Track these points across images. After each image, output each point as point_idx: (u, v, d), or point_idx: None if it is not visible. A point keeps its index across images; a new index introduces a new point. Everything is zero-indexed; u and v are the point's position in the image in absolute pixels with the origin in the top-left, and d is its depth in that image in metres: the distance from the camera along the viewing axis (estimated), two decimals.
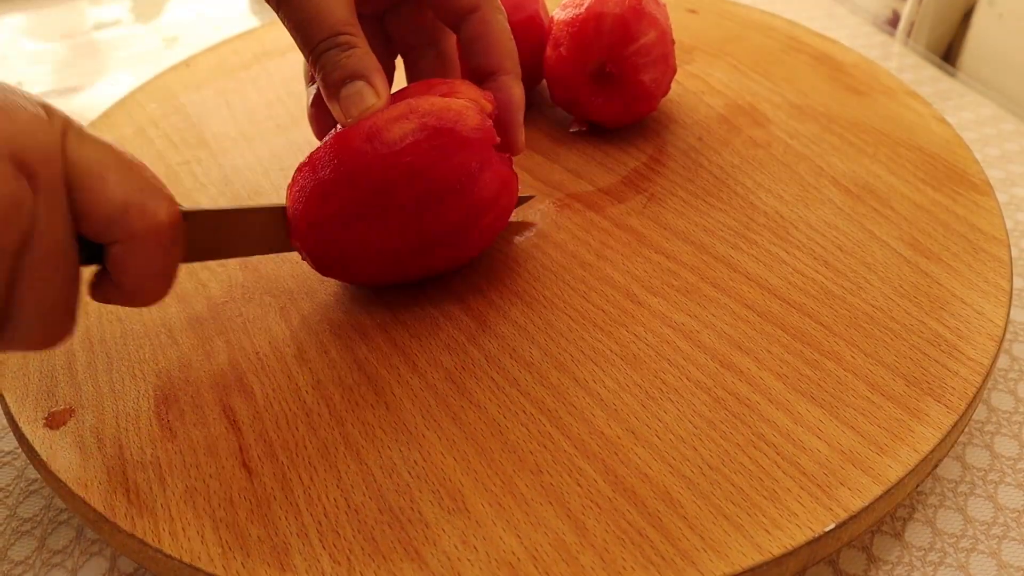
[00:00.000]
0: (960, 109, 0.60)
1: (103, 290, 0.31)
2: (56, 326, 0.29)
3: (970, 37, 0.66)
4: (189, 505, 0.30)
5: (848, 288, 0.37)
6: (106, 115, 0.51)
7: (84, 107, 0.63)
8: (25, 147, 0.26)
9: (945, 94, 0.62)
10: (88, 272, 0.30)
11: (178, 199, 0.44)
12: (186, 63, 0.57)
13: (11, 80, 0.66)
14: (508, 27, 0.38)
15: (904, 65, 0.66)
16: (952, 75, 0.64)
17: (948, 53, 0.69)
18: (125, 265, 0.30)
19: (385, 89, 0.35)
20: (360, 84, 0.34)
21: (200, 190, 0.45)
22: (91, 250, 0.30)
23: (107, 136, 0.49)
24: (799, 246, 0.40)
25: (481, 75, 0.39)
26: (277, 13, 0.36)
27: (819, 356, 0.34)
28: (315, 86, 0.39)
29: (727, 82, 0.52)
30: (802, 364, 0.34)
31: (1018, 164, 0.54)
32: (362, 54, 0.35)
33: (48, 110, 0.28)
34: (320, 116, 0.39)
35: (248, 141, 0.48)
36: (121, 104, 0.52)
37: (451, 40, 0.41)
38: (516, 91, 0.38)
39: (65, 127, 0.28)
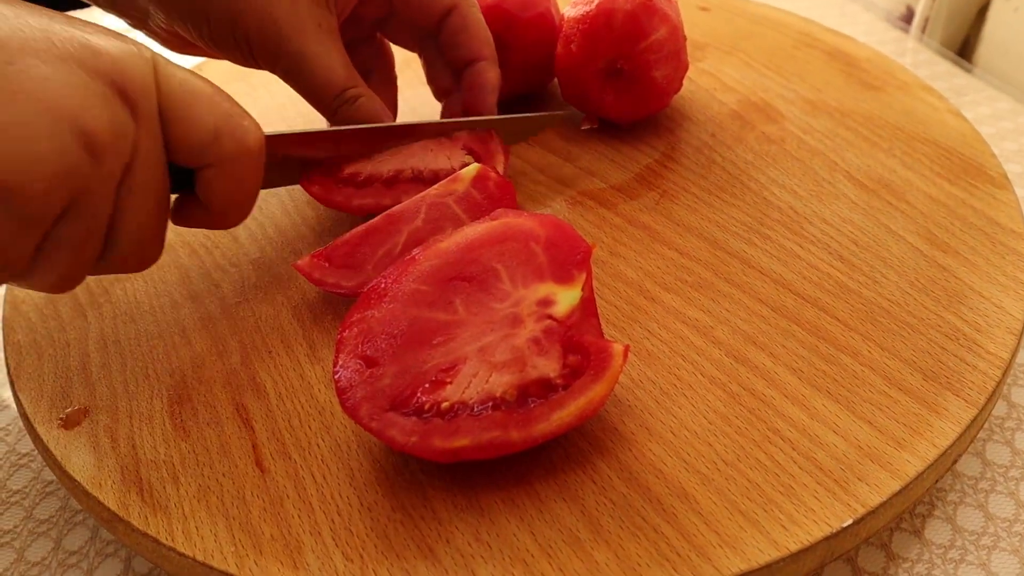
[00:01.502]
0: (976, 104, 0.60)
1: (187, 214, 0.33)
2: (150, 250, 0.31)
3: (986, 31, 0.65)
4: (202, 504, 0.30)
5: (863, 283, 0.37)
6: None
7: None
8: (127, 78, 0.28)
9: (961, 89, 0.61)
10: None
11: None
12: (199, 67, 0.57)
13: None
14: (482, 17, 0.43)
15: (919, 61, 0.65)
16: (968, 70, 0.64)
17: (963, 48, 0.68)
18: (216, 187, 0.32)
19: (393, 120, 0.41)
20: None
21: None
22: (178, 177, 0.31)
23: None
24: (814, 241, 0.39)
25: (460, 64, 0.43)
26: (283, 79, 0.39)
27: (835, 351, 0.34)
28: None
29: (739, 78, 0.51)
30: (818, 359, 0.34)
31: None
32: (368, 101, 0.40)
33: (137, 43, 0.29)
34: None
35: None
36: None
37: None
38: (491, 74, 0.43)
39: (155, 60, 0.29)
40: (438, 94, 0.46)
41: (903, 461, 0.30)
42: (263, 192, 0.44)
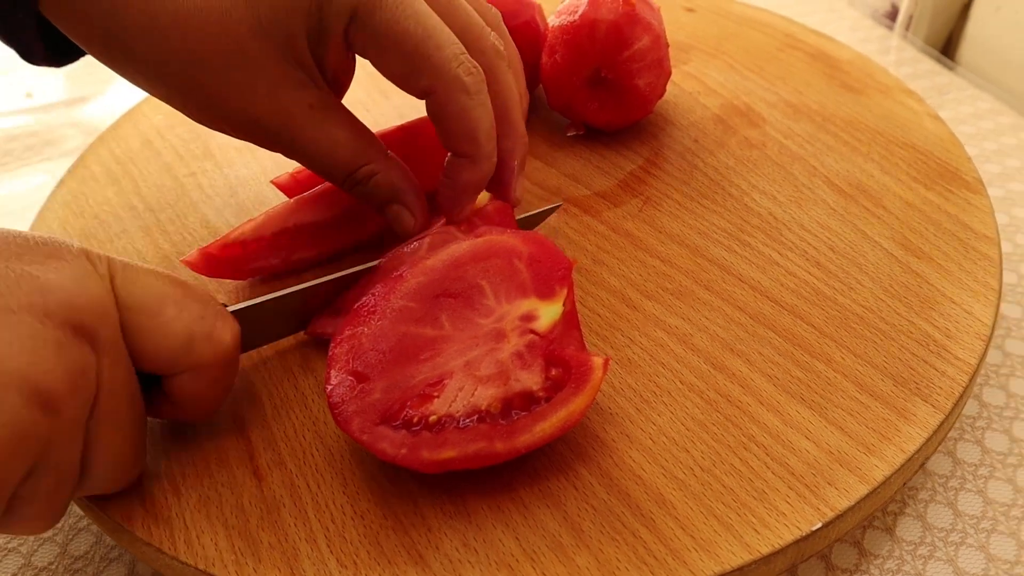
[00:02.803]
0: (958, 103, 0.61)
1: (158, 408, 0.31)
2: (128, 471, 0.29)
3: (969, 30, 0.66)
4: (202, 513, 0.31)
5: (839, 289, 0.38)
6: (114, 127, 0.53)
7: (94, 116, 0.64)
8: (81, 309, 0.26)
9: (943, 88, 0.62)
10: None
11: (186, 211, 0.45)
12: None
13: (21, 91, 0.67)
14: (472, 104, 0.35)
15: (903, 59, 0.66)
16: (951, 69, 0.65)
17: (947, 46, 0.69)
18: (188, 392, 0.30)
19: (418, 203, 0.37)
20: (396, 208, 0.37)
21: (206, 201, 0.46)
22: (148, 376, 0.30)
23: (116, 149, 0.50)
24: (792, 247, 0.40)
25: (446, 146, 0.37)
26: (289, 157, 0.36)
27: (809, 358, 0.35)
28: None
29: (723, 82, 0.52)
30: (792, 366, 0.35)
31: (1015, 159, 0.55)
32: (383, 178, 0.36)
33: (90, 256, 0.27)
34: None
35: (251, 151, 0.49)
36: (128, 116, 0.53)
37: None
38: (464, 176, 0.36)
39: (111, 270, 0.28)
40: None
41: (871, 466, 0.31)
42: (259, 207, 0.46)
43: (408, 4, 0.33)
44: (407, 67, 0.34)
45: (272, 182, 0.42)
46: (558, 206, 0.43)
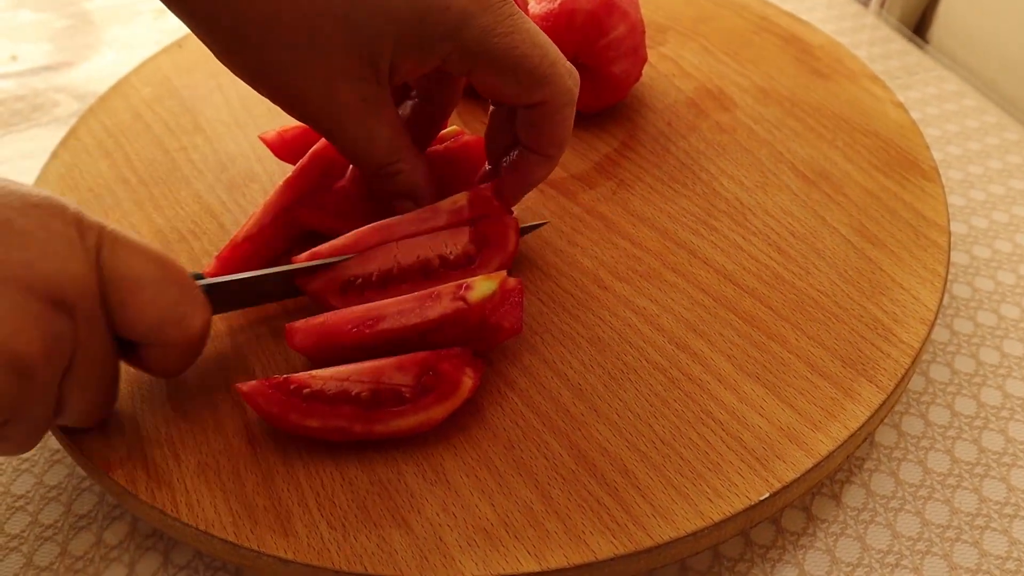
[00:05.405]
0: (925, 84, 0.63)
1: (133, 362, 0.35)
2: (100, 409, 0.34)
3: (940, 10, 0.68)
4: (202, 479, 0.34)
5: (797, 273, 0.41)
6: (103, 99, 0.54)
7: (82, 81, 0.65)
8: (62, 284, 0.28)
9: (912, 68, 0.64)
10: None
11: (178, 186, 0.47)
12: (178, 44, 0.59)
13: (5, 55, 0.68)
14: (572, 113, 0.37)
15: (876, 37, 0.68)
16: (922, 48, 0.66)
17: (920, 26, 0.71)
18: (153, 362, 0.34)
19: (430, 200, 0.39)
20: (409, 205, 0.39)
21: (198, 177, 0.48)
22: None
23: (107, 121, 0.51)
24: (755, 232, 0.43)
25: (521, 143, 0.38)
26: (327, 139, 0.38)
27: (766, 339, 0.38)
28: None
29: (698, 64, 0.54)
30: (750, 346, 0.38)
31: (975, 141, 0.57)
32: (406, 177, 0.38)
33: (81, 226, 0.30)
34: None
35: (241, 127, 0.51)
36: (117, 88, 0.55)
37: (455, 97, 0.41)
38: (540, 172, 0.39)
39: (99, 242, 0.30)
40: (490, 151, 0.41)
41: (817, 441, 0.34)
42: (249, 183, 0.47)
43: (520, 26, 0.34)
44: (523, 86, 0.35)
45: (260, 137, 0.44)
46: (544, 224, 0.43)
